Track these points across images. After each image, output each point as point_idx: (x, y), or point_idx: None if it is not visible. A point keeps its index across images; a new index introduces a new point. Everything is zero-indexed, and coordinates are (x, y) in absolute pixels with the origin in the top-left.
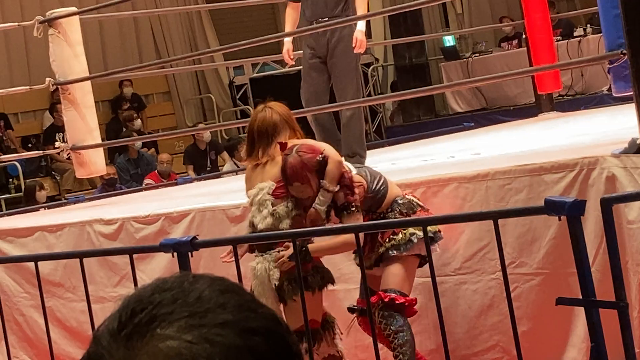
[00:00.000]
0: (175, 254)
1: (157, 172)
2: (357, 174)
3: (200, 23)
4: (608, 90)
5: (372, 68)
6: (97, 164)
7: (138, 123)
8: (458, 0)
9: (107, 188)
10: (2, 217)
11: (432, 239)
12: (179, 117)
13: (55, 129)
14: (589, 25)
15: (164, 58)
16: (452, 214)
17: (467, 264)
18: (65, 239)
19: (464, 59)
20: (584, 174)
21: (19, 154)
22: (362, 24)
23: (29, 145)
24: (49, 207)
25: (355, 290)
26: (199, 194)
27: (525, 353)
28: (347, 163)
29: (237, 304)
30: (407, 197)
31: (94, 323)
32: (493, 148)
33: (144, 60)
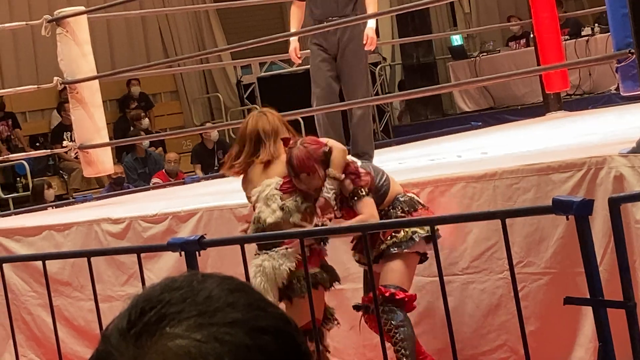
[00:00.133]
0: (183, 253)
1: (164, 171)
2: (362, 167)
3: (208, 22)
4: (616, 90)
5: (379, 67)
6: (104, 163)
7: (146, 122)
8: (466, 0)
9: (114, 187)
10: (10, 216)
11: (429, 237)
12: (187, 116)
13: (63, 128)
14: (597, 25)
15: (172, 57)
16: (459, 214)
17: (474, 264)
18: (73, 238)
19: (472, 58)
20: (592, 174)
21: (27, 153)
22: (372, 22)
23: (37, 144)
24: (57, 206)
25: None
26: (207, 193)
27: (533, 352)
28: (352, 157)
29: (246, 303)
30: (408, 194)
31: (102, 322)
32: (500, 147)
33: (152, 60)
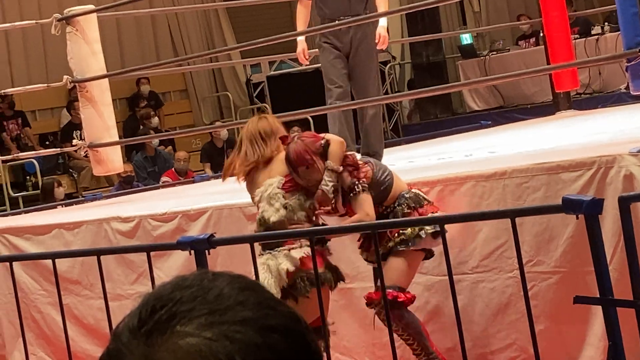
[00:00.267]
0: (193, 252)
1: (174, 169)
2: (361, 159)
3: (218, 21)
4: (626, 89)
5: (389, 66)
6: (114, 162)
7: (155, 121)
8: None
9: (124, 186)
10: (19, 214)
11: (436, 233)
12: (196, 114)
13: (73, 127)
14: (607, 24)
15: (181, 56)
16: (469, 213)
17: (484, 263)
18: (83, 237)
19: (482, 57)
20: (602, 173)
21: (37, 152)
22: (384, 21)
23: (47, 143)
24: (66, 204)
25: (372, 288)
26: (216, 192)
27: (543, 352)
28: (352, 152)
29: (256, 302)
30: (413, 190)
31: (111, 320)
32: (510, 146)
33: (161, 58)
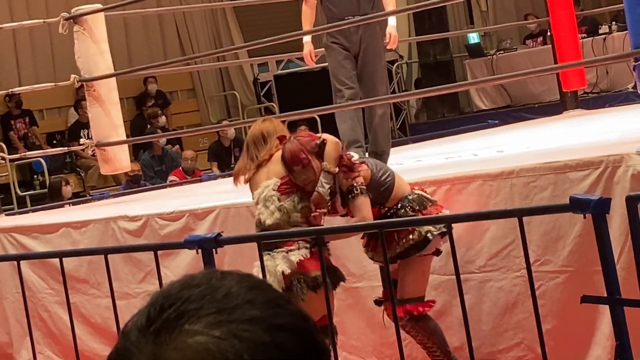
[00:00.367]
0: (200, 251)
1: (181, 168)
2: (359, 159)
3: (225, 20)
4: (633, 88)
5: (396, 65)
6: (121, 161)
7: (162, 120)
8: None
9: (131, 185)
10: (27, 213)
11: (443, 233)
12: (204, 114)
13: (80, 126)
14: (614, 23)
15: (189, 55)
16: (476, 212)
17: (491, 262)
18: (90, 236)
19: (489, 56)
20: (609, 172)
21: (44, 151)
22: (393, 20)
23: (54, 142)
24: (74, 203)
25: (379, 287)
26: (223, 191)
27: (550, 351)
28: (352, 152)
29: (265, 301)
30: (416, 192)
31: (119, 319)
32: (517, 146)
33: (169, 57)
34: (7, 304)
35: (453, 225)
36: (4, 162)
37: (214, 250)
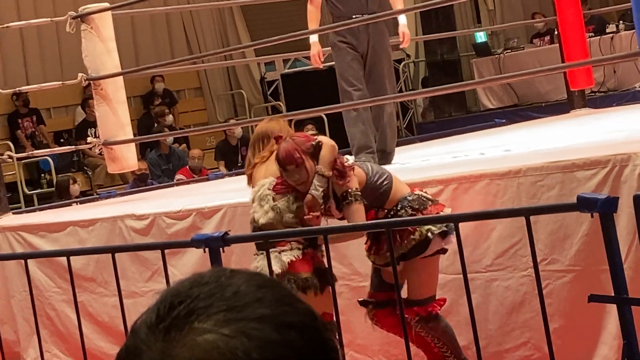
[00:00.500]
0: (207, 250)
1: (188, 167)
2: (353, 163)
3: (232, 19)
4: None
5: (403, 64)
6: (128, 159)
7: (170, 119)
8: None
9: (138, 183)
10: (34, 212)
11: (446, 233)
12: (211, 112)
13: (87, 124)
14: (622, 22)
15: (196, 54)
16: (483, 211)
17: (498, 261)
18: (97, 234)
19: (496, 55)
20: (617, 171)
21: (51, 149)
22: (404, 19)
23: (61, 141)
24: (81, 202)
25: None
26: (230, 190)
27: (557, 350)
28: (348, 156)
29: (274, 299)
30: (415, 193)
31: (126, 318)
32: (524, 144)
33: (176, 56)
34: (14, 303)
35: (460, 224)
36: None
37: (221, 249)
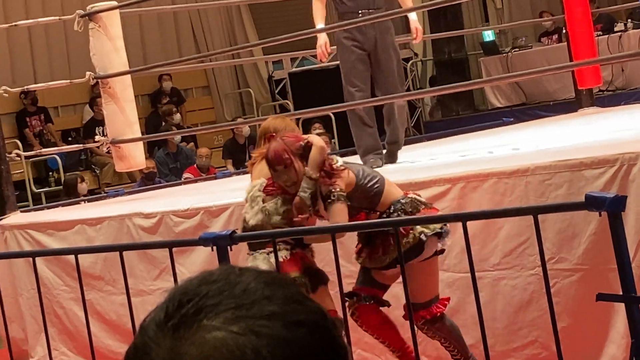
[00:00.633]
0: (215, 248)
1: (196, 166)
2: (342, 165)
3: (240, 17)
4: None
5: (411, 63)
6: (136, 158)
7: (177, 117)
8: None
9: (146, 182)
10: (42, 210)
11: (441, 234)
12: (218, 111)
13: (95, 123)
14: (630, 20)
15: (203, 52)
16: (491, 210)
17: (506, 260)
18: (105, 232)
19: (504, 54)
20: (625, 170)
21: (59, 148)
22: (414, 14)
23: (69, 139)
24: (89, 200)
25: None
26: (238, 188)
27: (565, 349)
28: (338, 158)
29: (283, 296)
30: (409, 196)
31: (134, 316)
32: (532, 143)
33: (184, 55)
34: (22, 301)
35: (467, 223)
36: (20, 159)
37: (229, 247)
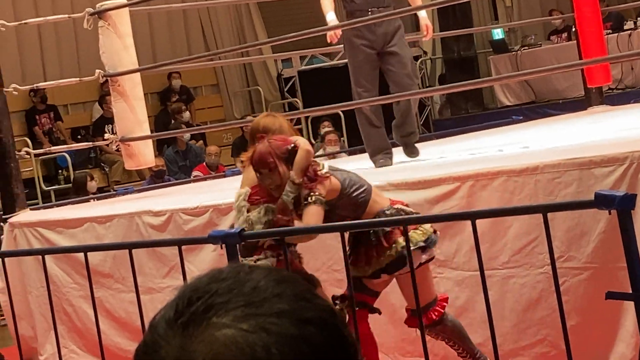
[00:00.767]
0: (224, 246)
1: (205, 164)
2: (328, 172)
3: (249, 15)
4: None
5: (420, 61)
6: (145, 156)
7: (186, 115)
8: None
9: (155, 180)
10: (51, 208)
11: (425, 248)
12: (227, 109)
13: (105, 121)
14: None
15: (213, 50)
16: (500, 208)
17: (515, 258)
18: (114, 230)
19: (513, 52)
20: (634, 168)
21: (69, 146)
22: (424, 12)
23: (79, 137)
24: (98, 198)
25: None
26: None
27: (574, 347)
28: (324, 163)
29: (293, 294)
30: (395, 206)
31: (143, 314)
32: (542, 141)
33: (193, 53)
34: (31, 299)
35: (477, 221)
36: (29, 156)
37: (238, 246)
